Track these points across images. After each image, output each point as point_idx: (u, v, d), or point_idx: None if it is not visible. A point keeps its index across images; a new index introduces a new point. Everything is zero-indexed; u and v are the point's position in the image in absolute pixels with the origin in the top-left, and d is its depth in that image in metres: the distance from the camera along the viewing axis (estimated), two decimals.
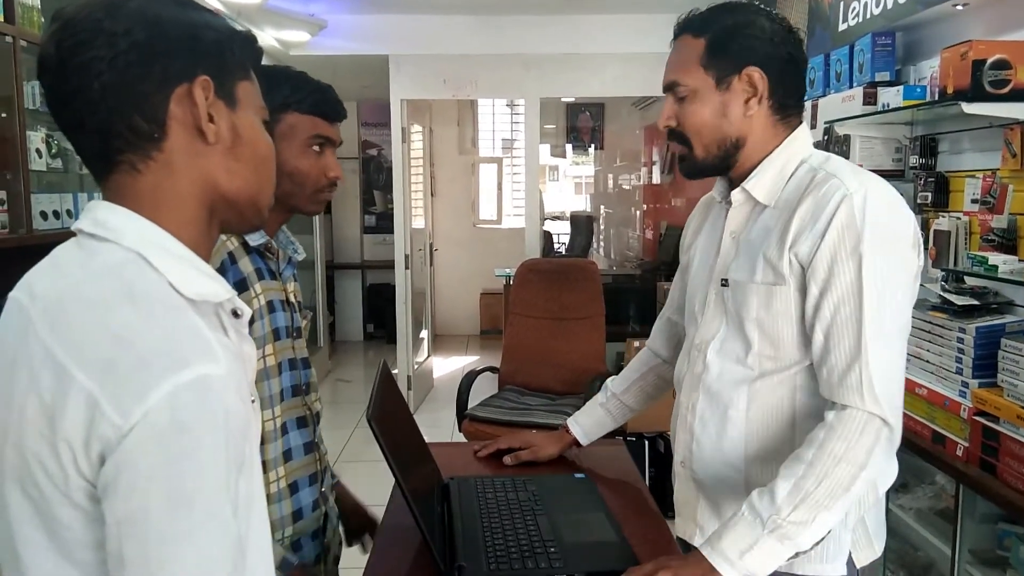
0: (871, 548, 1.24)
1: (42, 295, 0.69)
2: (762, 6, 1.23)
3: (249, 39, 0.79)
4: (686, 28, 1.23)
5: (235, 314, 0.75)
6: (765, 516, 1.05)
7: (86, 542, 0.64)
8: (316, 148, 1.24)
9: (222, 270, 1.16)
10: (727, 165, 1.23)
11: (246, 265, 1.21)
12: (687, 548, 1.25)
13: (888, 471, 1.24)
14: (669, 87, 1.23)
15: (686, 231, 1.45)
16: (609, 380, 1.60)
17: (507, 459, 1.55)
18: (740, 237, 1.24)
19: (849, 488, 1.06)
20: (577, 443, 1.57)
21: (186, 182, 0.73)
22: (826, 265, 1.10)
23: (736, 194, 1.23)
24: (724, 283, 1.24)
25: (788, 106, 1.21)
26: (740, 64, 1.17)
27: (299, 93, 1.22)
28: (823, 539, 1.09)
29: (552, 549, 1.17)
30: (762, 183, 1.21)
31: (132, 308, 0.65)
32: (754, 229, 1.22)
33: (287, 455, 1.24)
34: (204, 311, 0.71)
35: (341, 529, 1.44)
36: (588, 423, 1.57)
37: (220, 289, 0.73)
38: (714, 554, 1.05)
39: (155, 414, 0.60)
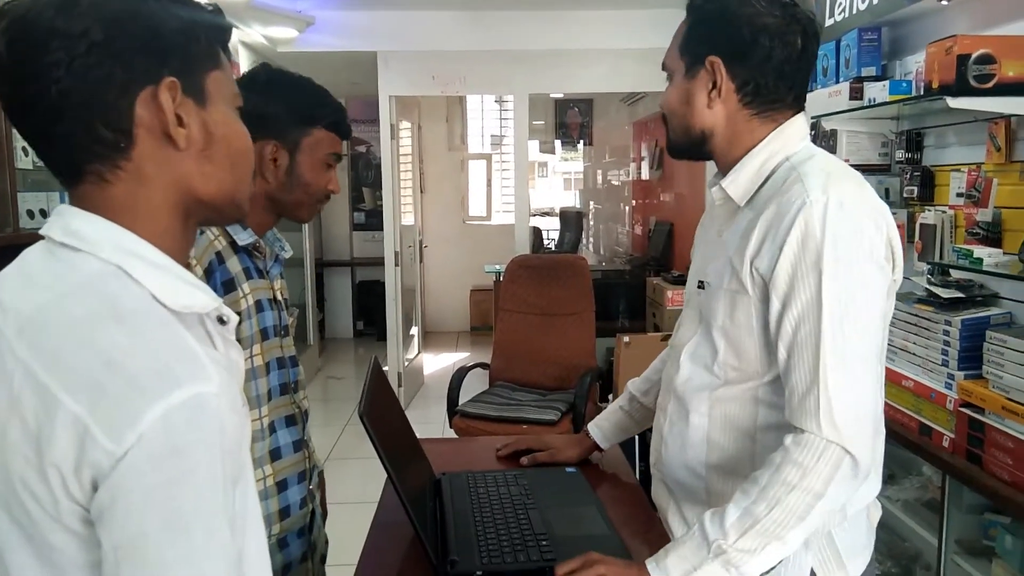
0: (842, 570, 1.14)
1: (15, 308, 0.65)
2: None
3: (216, 22, 0.74)
4: (687, 8, 1.18)
5: (221, 321, 0.73)
6: (711, 540, 1.00)
7: (80, 564, 0.62)
8: (329, 164, 1.29)
9: (210, 270, 1.16)
10: (700, 153, 1.18)
11: (234, 265, 1.21)
12: None
13: (861, 491, 1.14)
14: (663, 66, 1.21)
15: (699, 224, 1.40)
16: (630, 382, 1.54)
17: (524, 460, 1.53)
18: (723, 237, 1.18)
19: (804, 518, 1.00)
20: (598, 447, 1.54)
21: (159, 191, 0.70)
22: (787, 278, 1.04)
23: (715, 192, 1.18)
24: (700, 285, 1.20)
25: (773, 101, 1.13)
26: (707, 53, 1.12)
27: (325, 109, 1.27)
28: (774, 567, 1.04)
29: (544, 542, 1.18)
30: (738, 181, 1.14)
31: (118, 326, 0.62)
32: (730, 230, 1.16)
33: (275, 453, 1.25)
34: (189, 322, 0.68)
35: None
36: (608, 427, 1.53)
37: (205, 299, 0.70)
38: (657, 570, 1.02)
39: (149, 438, 0.58)
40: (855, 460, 1.01)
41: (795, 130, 1.15)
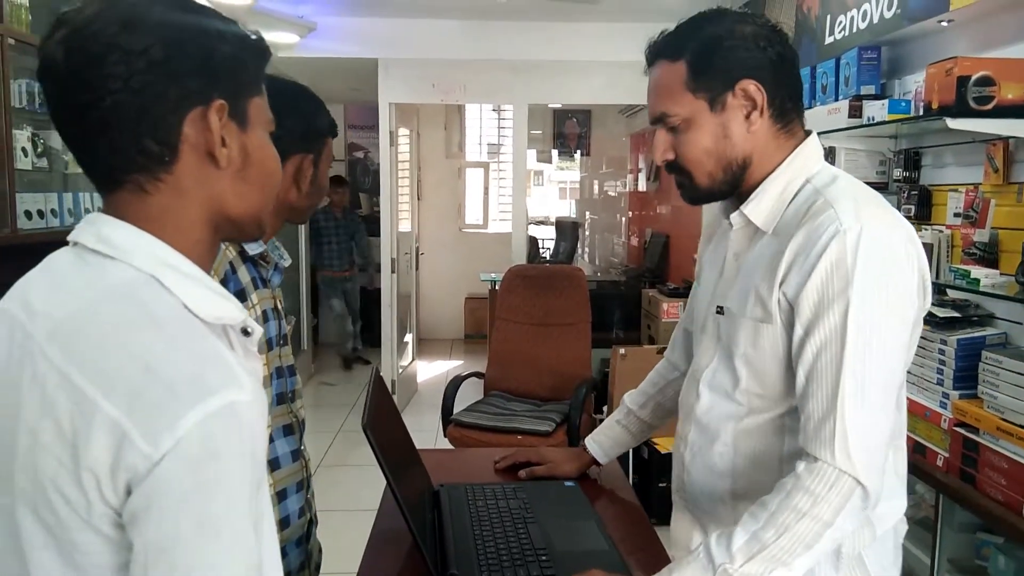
0: None
1: (46, 313, 0.66)
2: (736, 9, 1.13)
3: (262, 49, 0.77)
4: (660, 53, 1.13)
5: (245, 332, 0.74)
6: (717, 563, 0.99)
7: (105, 566, 0.63)
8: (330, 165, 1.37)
9: (224, 280, 1.16)
10: (733, 187, 1.14)
11: (244, 275, 1.21)
12: None
13: (888, 509, 1.14)
14: (659, 119, 1.13)
15: (702, 239, 1.36)
16: (627, 395, 1.53)
17: (522, 473, 1.53)
18: (741, 261, 1.16)
19: (812, 546, 0.99)
20: (596, 462, 1.53)
21: (195, 205, 0.72)
22: (812, 305, 1.02)
23: (735, 217, 1.15)
24: (719, 311, 1.17)
25: (788, 110, 1.12)
26: (731, 79, 1.08)
27: (329, 116, 1.32)
28: None
29: (544, 557, 1.18)
30: (760, 208, 1.12)
31: (154, 333, 0.64)
32: (752, 256, 1.14)
33: (274, 463, 1.25)
34: (216, 332, 0.70)
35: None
36: (606, 442, 1.52)
37: (234, 310, 0.72)
38: None
39: (186, 443, 0.60)
40: (866, 491, 1.00)
41: (811, 151, 1.15)
